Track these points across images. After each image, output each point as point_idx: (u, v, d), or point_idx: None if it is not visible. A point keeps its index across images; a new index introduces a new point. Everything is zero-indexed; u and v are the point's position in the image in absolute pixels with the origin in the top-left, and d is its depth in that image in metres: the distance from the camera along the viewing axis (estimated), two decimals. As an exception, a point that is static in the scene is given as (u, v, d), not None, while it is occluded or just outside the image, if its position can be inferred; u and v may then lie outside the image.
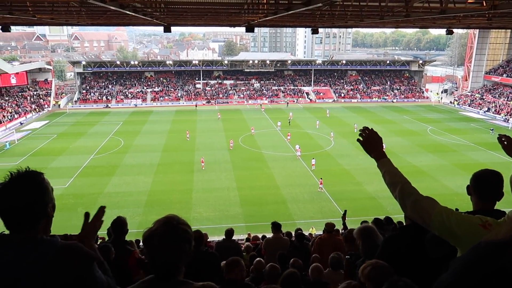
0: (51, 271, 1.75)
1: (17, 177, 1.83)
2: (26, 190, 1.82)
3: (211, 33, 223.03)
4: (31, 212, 1.83)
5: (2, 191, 1.80)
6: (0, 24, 18.89)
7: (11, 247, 1.79)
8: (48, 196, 1.91)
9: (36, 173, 1.89)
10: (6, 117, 55.27)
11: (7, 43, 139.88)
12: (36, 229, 1.86)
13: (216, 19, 19.74)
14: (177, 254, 1.89)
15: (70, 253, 1.84)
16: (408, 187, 2.33)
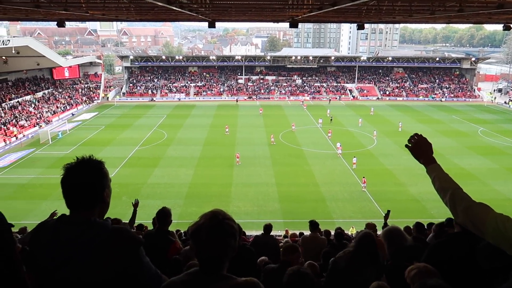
0: (102, 251, 1.88)
1: (81, 161, 2.05)
2: (88, 173, 2.03)
3: (254, 29, 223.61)
4: (90, 193, 2.00)
5: (68, 172, 2.02)
6: (56, 20, 19.90)
7: (68, 226, 1.95)
8: (106, 181, 2.10)
9: (98, 160, 2.11)
10: (59, 108, 58.48)
11: (62, 38, 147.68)
12: (92, 211, 2.01)
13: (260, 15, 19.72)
14: (222, 249, 1.91)
15: (120, 236, 1.97)
16: (459, 193, 2.21)
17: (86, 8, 15.90)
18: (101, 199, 2.05)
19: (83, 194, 1.99)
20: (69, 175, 2.01)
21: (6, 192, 28.50)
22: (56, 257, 1.88)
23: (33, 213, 24.25)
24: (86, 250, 1.87)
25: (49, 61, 58.82)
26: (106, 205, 2.10)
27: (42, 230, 2.02)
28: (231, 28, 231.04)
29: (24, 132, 46.68)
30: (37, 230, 2.04)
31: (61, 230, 1.94)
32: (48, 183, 31.07)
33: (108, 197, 2.10)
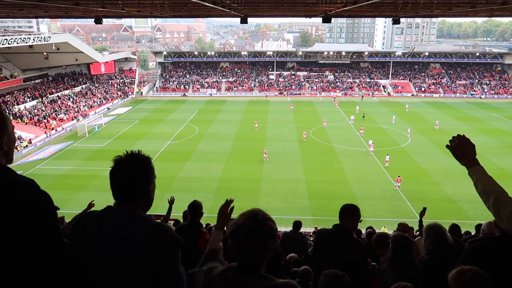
0: (142, 245, 1.91)
1: (130, 155, 2.11)
2: (135, 167, 2.07)
3: (286, 24, 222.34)
4: (135, 187, 2.05)
5: (117, 165, 2.08)
6: (94, 17, 20.51)
7: (113, 217, 2.01)
8: (152, 176, 2.13)
9: (145, 156, 2.15)
10: (96, 102, 60.47)
11: (99, 35, 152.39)
12: (136, 205, 2.05)
13: (292, 10, 19.54)
14: (261, 249, 1.93)
15: (162, 232, 1.99)
16: (504, 197, 2.10)
17: (122, 5, 16.28)
18: (146, 193, 2.09)
19: (129, 187, 2.04)
20: (117, 168, 2.08)
21: (46, 182, 29.79)
22: (98, 246, 1.93)
23: (70, 203, 25.26)
24: (127, 242, 1.91)
25: (86, 57, 60.84)
26: (150, 200, 2.14)
27: (88, 219, 2.08)
28: (263, 23, 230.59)
29: (63, 125, 48.61)
30: (84, 219, 2.10)
31: (106, 220, 2.00)
32: (85, 175, 32.28)
33: (152, 192, 2.15)
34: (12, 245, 1.84)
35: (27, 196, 1.91)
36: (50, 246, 1.94)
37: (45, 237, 1.92)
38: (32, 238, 1.87)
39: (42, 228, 1.91)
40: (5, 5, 15.51)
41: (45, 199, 1.97)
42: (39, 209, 1.93)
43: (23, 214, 1.85)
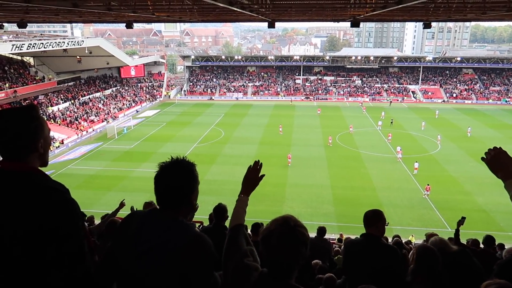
0: (179, 252, 1.92)
1: (175, 162, 2.12)
2: (179, 174, 2.08)
3: (313, 28, 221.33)
4: (178, 194, 2.06)
5: (162, 170, 2.09)
6: (125, 22, 21.06)
7: (155, 221, 2.02)
8: (195, 184, 2.13)
9: (191, 163, 2.14)
10: (125, 105, 61.96)
11: (129, 39, 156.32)
12: (178, 211, 2.06)
13: (320, 14, 19.44)
14: (293, 257, 1.91)
15: (200, 243, 1.99)
16: None
17: (152, 10, 16.65)
18: (188, 201, 2.10)
19: (172, 194, 2.05)
20: (162, 173, 2.08)
21: (77, 181, 30.67)
22: (137, 247, 1.95)
23: (99, 203, 25.93)
24: (165, 247, 1.93)
25: (117, 61, 62.51)
26: (192, 207, 2.16)
27: (132, 219, 2.10)
28: (290, 28, 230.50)
29: (93, 126, 50.04)
30: (129, 218, 2.13)
31: (148, 223, 2.02)
32: (113, 175, 33.07)
33: (195, 200, 2.15)
34: (32, 249, 1.87)
35: (55, 203, 1.94)
36: (70, 254, 1.97)
37: (66, 244, 1.95)
38: (53, 245, 1.90)
39: (65, 235, 1.94)
40: (42, 10, 16.15)
41: (73, 208, 2.00)
42: (65, 217, 1.95)
43: (49, 220, 1.89)
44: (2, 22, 23.10)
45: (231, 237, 2.32)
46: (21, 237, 1.86)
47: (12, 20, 22.27)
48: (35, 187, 1.94)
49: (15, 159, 1.97)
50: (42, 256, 1.89)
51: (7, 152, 1.97)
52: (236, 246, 2.23)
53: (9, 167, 1.96)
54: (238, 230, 2.37)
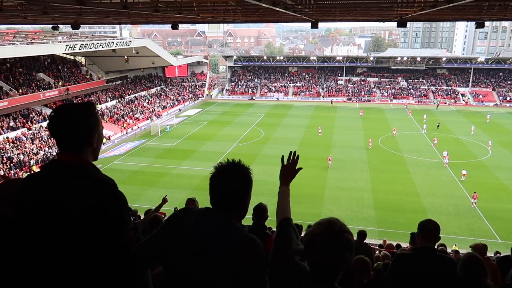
0: (231, 254, 1.93)
1: (232, 165, 2.14)
2: (236, 178, 2.10)
3: (357, 28, 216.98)
4: (233, 197, 2.08)
5: (218, 173, 2.11)
6: (171, 23, 21.63)
7: (209, 220, 2.04)
8: (250, 188, 2.15)
9: (246, 167, 2.16)
10: (169, 103, 63.70)
11: (174, 39, 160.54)
12: (232, 213, 2.07)
13: (365, 14, 18.99)
14: (337, 262, 1.86)
15: (252, 245, 1.99)
16: None
17: (197, 11, 16.98)
18: (243, 205, 2.12)
19: (227, 197, 2.07)
20: (218, 176, 2.10)
21: (122, 177, 31.88)
22: (192, 245, 1.98)
23: (142, 198, 26.81)
24: (218, 247, 1.94)
25: (162, 61, 64.37)
26: (246, 210, 2.17)
27: (186, 216, 2.12)
28: (333, 28, 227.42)
29: (138, 124, 51.83)
30: (181, 215, 2.15)
31: (202, 221, 2.04)
32: (156, 172, 34.09)
33: (248, 204, 2.17)
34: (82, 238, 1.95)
35: (107, 195, 2.02)
36: (117, 245, 2.03)
37: (115, 235, 2.02)
38: (103, 235, 1.98)
39: (114, 226, 2.01)
40: (94, 12, 16.92)
41: (122, 200, 2.07)
42: (115, 209, 2.03)
43: (100, 211, 1.97)
44: (57, 24, 24.47)
45: (281, 232, 2.28)
46: (73, 225, 1.94)
47: (66, 22, 23.50)
48: (89, 178, 2.04)
49: (71, 151, 2.07)
50: (90, 245, 1.96)
51: (64, 144, 2.08)
52: (286, 241, 2.19)
53: (66, 158, 2.07)
54: (287, 223, 2.33)
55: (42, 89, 45.94)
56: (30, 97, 43.08)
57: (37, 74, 48.52)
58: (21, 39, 46.13)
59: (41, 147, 38.02)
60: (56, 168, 2.08)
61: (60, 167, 2.07)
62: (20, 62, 47.78)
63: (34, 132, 40.09)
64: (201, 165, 34.88)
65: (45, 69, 50.73)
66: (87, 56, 58.38)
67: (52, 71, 51.30)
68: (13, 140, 37.56)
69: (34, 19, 22.02)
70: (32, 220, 2.01)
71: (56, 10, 15.82)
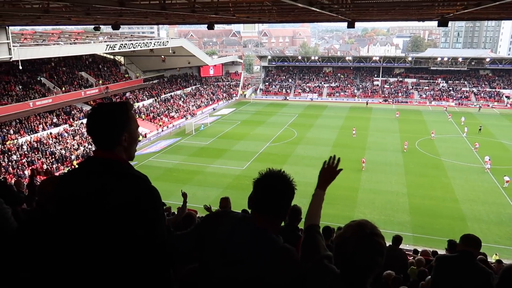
0: (266, 265, 1.92)
1: (278, 174, 2.15)
2: (282, 182, 2.11)
3: (395, 28, 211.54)
4: (277, 201, 2.08)
5: (266, 176, 2.13)
6: (206, 23, 21.92)
7: (246, 229, 2.04)
8: (292, 197, 2.15)
9: (287, 176, 2.17)
10: (203, 102, 64.61)
11: (210, 39, 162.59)
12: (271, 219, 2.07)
13: (404, 13, 18.46)
14: (368, 266, 1.83)
15: (286, 257, 1.98)
16: None
17: (233, 11, 17.12)
18: (283, 212, 2.13)
19: (270, 204, 2.08)
20: (264, 179, 2.12)
21: (156, 173, 32.65)
22: (226, 253, 1.98)
23: (175, 195, 27.24)
24: (252, 259, 1.93)
25: (198, 60, 65.39)
26: (284, 218, 2.17)
27: (223, 220, 2.12)
28: (370, 27, 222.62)
29: (173, 122, 52.91)
30: (218, 218, 2.16)
31: (239, 230, 2.04)
32: (189, 170, 34.68)
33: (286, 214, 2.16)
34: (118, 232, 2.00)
35: (141, 190, 2.07)
36: (153, 237, 2.06)
37: (151, 228, 2.06)
38: (139, 229, 2.01)
39: (149, 220, 2.05)
40: (134, 13, 17.42)
41: (156, 195, 2.11)
42: (150, 204, 2.07)
43: (135, 205, 2.01)
44: (99, 25, 25.40)
45: (307, 238, 2.25)
46: (108, 220, 1.99)
47: (107, 23, 24.33)
48: (122, 174, 2.09)
49: (105, 149, 2.14)
50: (126, 240, 2.01)
51: (98, 142, 2.15)
52: (314, 247, 2.16)
53: (100, 155, 2.14)
54: (315, 231, 2.30)
55: (83, 87, 47.84)
56: (72, 95, 44.98)
57: (79, 72, 50.57)
58: (65, 39, 48.22)
59: (81, 143, 39.60)
60: (91, 164, 2.16)
61: (95, 164, 2.14)
62: (64, 61, 49.93)
63: (75, 129, 41.83)
64: (233, 164, 35.14)
65: (87, 68, 52.78)
66: (126, 56, 60.23)
67: (93, 70, 53.30)
68: (55, 135, 39.36)
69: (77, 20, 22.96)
70: (69, 215, 2.08)
71: (98, 11, 16.41)
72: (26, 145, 35.91)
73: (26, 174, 30.68)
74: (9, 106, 37.29)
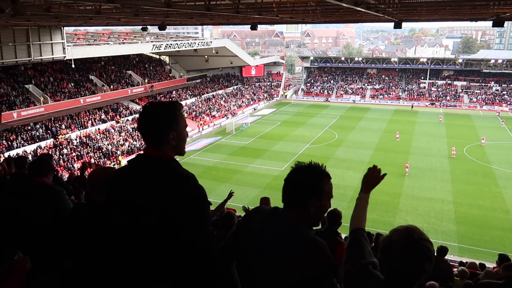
0: (296, 257, 1.91)
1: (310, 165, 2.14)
2: (311, 176, 2.09)
3: (445, 28, 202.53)
4: (301, 192, 2.06)
5: (295, 167, 2.14)
6: (250, 23, 22.06)
7: (277, 221, 2.06)
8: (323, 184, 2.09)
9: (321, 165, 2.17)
10: (244, 102, 65.12)
11: (252, 40, 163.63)
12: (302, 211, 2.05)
13: (455, 13, 17.61)
14: (415, 271, 1.78)
15: (316, 250, 1.95)
16: None
17: (277, 12, 17.12)
18: (311, 201, 2.08)
19: (296, 193, 2.07)
20: (293, 169, 2.13)
21: (196, 171, 33.12)
22: (258, 244, 2.02)
23: (214, 193, 27.71)
24: (283, 249, 1.94)
25: (240, 60, 65.99)
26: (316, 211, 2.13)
27: (257, 214, 2.16)
28: (418, 28, 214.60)
29: (214, 121, 53.72)
30: (253, 213, 2.21)
31: (271, 221, 2.06)
32: (228, 168, 35.06)
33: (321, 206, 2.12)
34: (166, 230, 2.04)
35: (189, 187, 2.11)
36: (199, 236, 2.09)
37: (197, 227, 2.08)
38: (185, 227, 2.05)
39: (196, 218, 2.08)
40: (180, 14, 17.86)
41: (203, 194, 2.14)
42: (197, 202, 2.10)
43: (183, 203, 2.05)
44: (146, 25, 26.28)
45: (353, 242, 2.21)
46: (158, 216, 2.04)
47: (154, 23, 25.12)
48: (171, 171, 2.15)
49: (155, 147, 2.20)
50: (174, 236, 2.04)
51: (148, 140, 2.22)
52: (360, 251, 2.12)
53: (150, 152, 2.21)
54: (360, 234, 2.26)
55: (130, 85, 49.67)
56: (120, 93, 46.82)
57: (126, 71, 52.55)
58: (114, 39, 50.32)
59: (126, 139, 41.14)
60: (141, 162, 2.23)
61: (145, 161, 2.21)
62: (113, 60, 52.07)
63: (121, 125, 43.52)
64: (273, 165, 35.15)
65: (134, 67, 54.74)
66: (171, 56, 61.88)
67: (140, 69, 55.20)
68: (103, 131, 41.15)
69: (126, 21, 23.88)
70: (119, 210, 2.17)
71: (146, 12, 16.96)
72: (76, 139, 37.82)
73: (75, 167, 32.32)
74: (62, 103, 39.44)
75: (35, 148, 33.80)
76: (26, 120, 35.35)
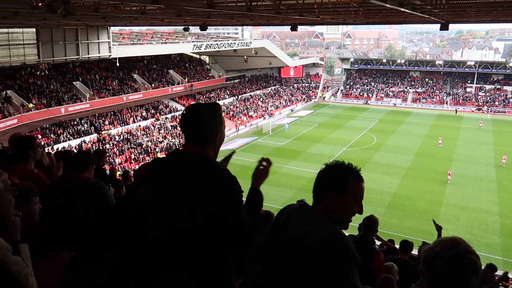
0: (316, 248, 1.91)
1: (338, 162, 2.19)
2: (335, 174, 2.12)
3: (496, 30, 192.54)
4: (322, 184, 2.10)
5: (325, 168, 2.18)
6: (290, 24, 21.97)
7: (302, 213, 2.12)
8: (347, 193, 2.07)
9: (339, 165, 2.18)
10: (281, 103, 65.00)
11: (292, 41, 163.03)
12: (323, 205, 2.06)
13: (509, 14, 16.72)
14: (460, 285, 1.69)
15: (337, 242, 1.94)
16: None
17: (318, 12, 16.94)
18: (331, 197, 2.08)
19: (320, 188, 2.11)
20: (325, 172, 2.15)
21: (233, 170, 32.41)
22: (283, 234, 2.07)
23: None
24: (304, 240, 1.96)
25: (279, 61, 65.93)
26: (330, 206, 2.12)
27: (286, 210, 2.24)
28: (466, 30, 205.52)
29: (251, 121, 53.98)
30: (282, 210, 2.28)
31: (295, 215, 2.13)
32: (264, 169, 35.05)
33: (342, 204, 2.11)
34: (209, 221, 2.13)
35: (228, 181, 2.22)
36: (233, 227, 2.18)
37: (230, 217, 2.17)
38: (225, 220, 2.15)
39: (232, 212, 2.18)
40: (221, 14, 18.09)
41: (238, 185, 2.25)
42: (235, 195, 2.21)
43: (222, 196, 2.15)
44: (188, 26, 26.82)
45: None
46: (200, 209, 2.13)
47: (196, 24, 25.59)
48: (211, 166, 2.25)
49: (198, 145, 2.29)
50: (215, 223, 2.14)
51: (191, 138, 2.31)
52: None
53: (190, 149, 2.30)
54: None
55: (170, 84, 50.91)
56: (160, 91, 48.13)
57: (168, 70, 53.89)
58: (157, 39, 51.76)
59: (165, 136, 42.19)
60: (180, 156, 2.32)
61: (185, 156, 2.30)
62: (155, 59, 53.58)
63: (161, 123, 44.69)
64: (308, 167, 34.82)
65: (175, 66, 56.07)
66: (211, 55, 62.84)
67: (180, 68, 56.46)
68: (143, 128, 42.43)
69: (169, 21, 24.48)
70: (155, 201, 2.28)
71: (189, 13, 17.31)
72: (118, 135, 39.24)
73: (116, 162, 33.52)
74: (106, 99, 41.08)
75: (79, 142, 35.40)
76: (73, 116, 37.15)
